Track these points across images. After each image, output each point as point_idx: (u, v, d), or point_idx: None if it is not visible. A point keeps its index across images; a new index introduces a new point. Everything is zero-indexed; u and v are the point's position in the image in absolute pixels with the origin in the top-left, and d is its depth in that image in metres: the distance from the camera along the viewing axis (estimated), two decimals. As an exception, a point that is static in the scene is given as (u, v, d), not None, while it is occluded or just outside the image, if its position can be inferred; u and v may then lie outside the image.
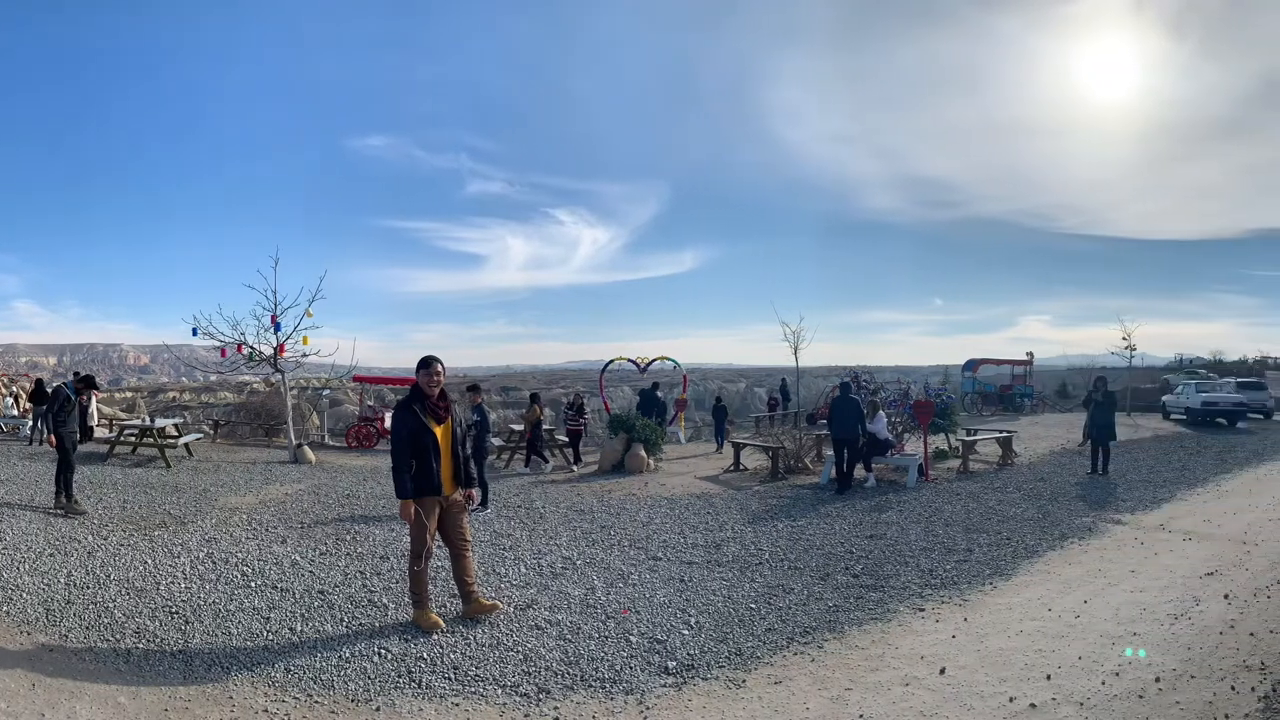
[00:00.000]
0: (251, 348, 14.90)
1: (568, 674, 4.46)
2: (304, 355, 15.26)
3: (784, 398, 25.96)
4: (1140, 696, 3.96)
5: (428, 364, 5.17)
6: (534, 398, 15.00)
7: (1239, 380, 26.43)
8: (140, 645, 4.86)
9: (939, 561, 7.00)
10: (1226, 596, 5.56)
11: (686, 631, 5.17)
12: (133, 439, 14.18)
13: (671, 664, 4.61)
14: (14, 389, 21.69)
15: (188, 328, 14.72)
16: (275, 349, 14.90)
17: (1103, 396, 12.65)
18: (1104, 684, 4.14)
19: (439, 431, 5.14)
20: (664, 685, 4.31)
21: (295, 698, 4.13)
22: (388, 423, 15.91)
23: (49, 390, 13.27)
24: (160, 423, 14.61)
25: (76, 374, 10.65)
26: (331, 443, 18.68)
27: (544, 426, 15.01)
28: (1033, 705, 3.92)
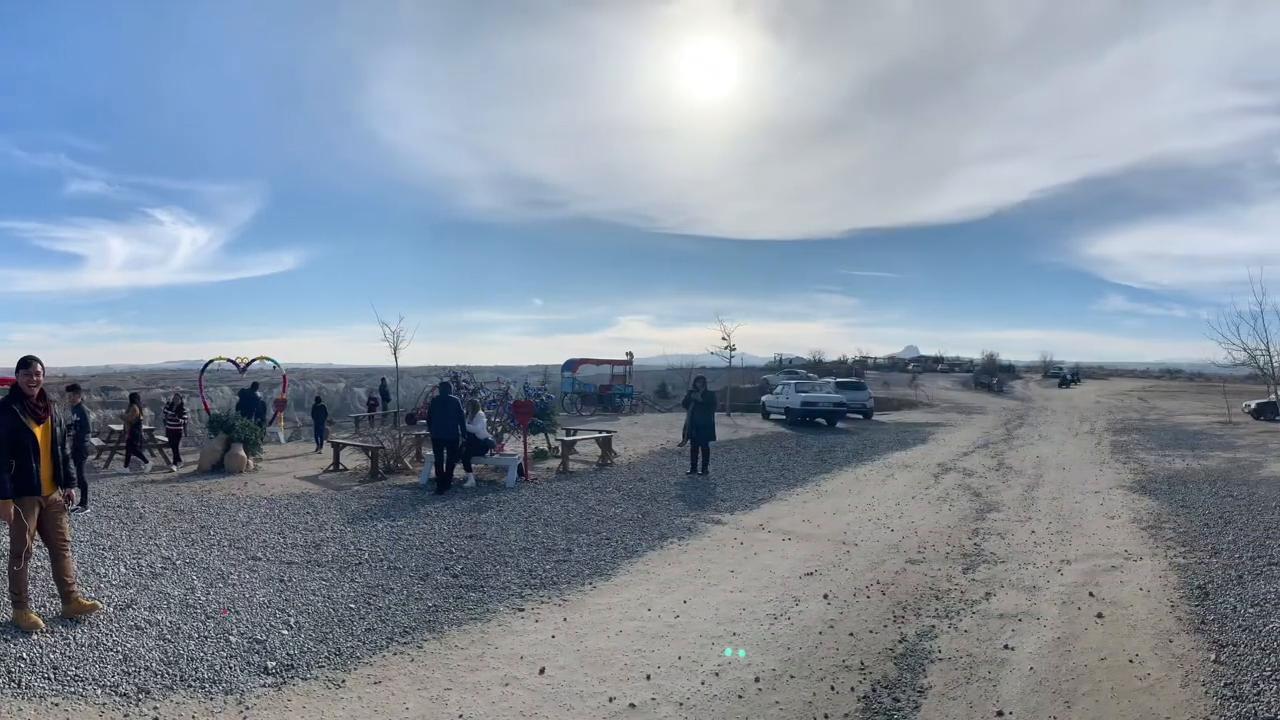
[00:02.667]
0: None
1: (167, 674, 4.37)
2: (-102, 356, 13.46)
3: (384, 398, 25.46)
4: (740, 696, 4.02)
5: (27, 364, 5.20)
6: (133, 398, 14.77)
7: (839, 380, 28.80)
8: None
9: (539, 561, 6.93)
10: (826, 596, 5.75)
11: (286, 631, 5.09)
12: None
13: (271, 664, 4.53)
14: None
15: None
16: None
17: (702, 396, 12.66)
18: (704, 684, 4.19)
19: (39, 431, 5.17)
20: (264, 685, 4.25)
21: (-108, 699, 3.89)
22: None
23: None
24: None
25: None
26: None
27: (144, 426, 14.96)
28: (632, 705, 3.94)
